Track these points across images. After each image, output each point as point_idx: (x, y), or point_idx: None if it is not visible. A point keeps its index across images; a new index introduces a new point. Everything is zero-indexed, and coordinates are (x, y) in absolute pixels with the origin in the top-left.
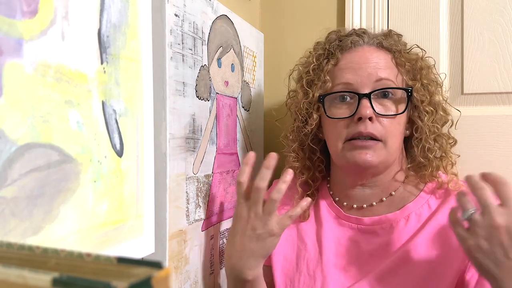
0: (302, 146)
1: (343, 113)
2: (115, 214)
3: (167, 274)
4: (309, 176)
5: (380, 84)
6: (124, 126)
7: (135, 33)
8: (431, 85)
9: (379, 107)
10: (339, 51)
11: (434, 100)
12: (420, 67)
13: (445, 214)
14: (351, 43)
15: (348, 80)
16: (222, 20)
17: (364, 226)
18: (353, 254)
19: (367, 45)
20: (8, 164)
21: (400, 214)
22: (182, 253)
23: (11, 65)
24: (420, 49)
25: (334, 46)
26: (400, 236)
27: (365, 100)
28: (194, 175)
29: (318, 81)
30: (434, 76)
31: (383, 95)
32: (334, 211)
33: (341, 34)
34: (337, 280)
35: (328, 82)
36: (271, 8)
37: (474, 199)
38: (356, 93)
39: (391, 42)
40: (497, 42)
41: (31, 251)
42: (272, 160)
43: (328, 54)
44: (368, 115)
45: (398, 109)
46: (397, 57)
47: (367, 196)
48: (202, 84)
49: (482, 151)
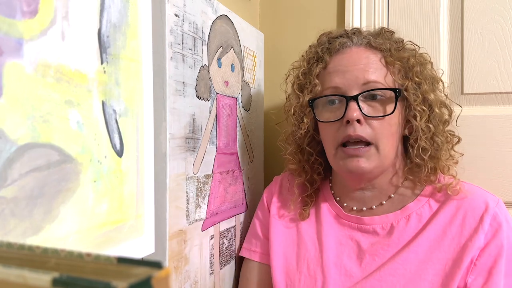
0: (299, 149)
1: (332, 116)
2: (115, 214)
3: (167, 274)
4: (306, 179)
5: (368, 87)
6: (124, 126)
7: (135, 33)
8: (425, 83)
9: (367, 109)
10: (327, 54)
11: (428, 98)
12: (413, 64)
13: (447, 214)
14: (339, 45)
15: (336, 84)
16: (222, 20)
17: (364, 226)
18: (354, 254)
19: (356, 46)
20: (8, 164)
21: (401, 214)
22: (182, 253)
23: (11, 65)
24: (414, 45)
25: (323, 49)
26: (401, 236)
27: (352, 102)
28: (194, 175)
29: (309, 85)
30: (430, 72)
31: (372, 97)
32: (334, 211)
33: (331, 36)
34: (338, 280)
35: (317, 86)
36: (271, 8)
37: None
38: (344, 96)
39: (380, 41)
40: (497, 42)
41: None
42: None
43: (318, 57)
44: (355, 118)
45: (387, 110)
46: (387, 56)
47: (367, 198)
48: (202, 84)
49: (482, 151)
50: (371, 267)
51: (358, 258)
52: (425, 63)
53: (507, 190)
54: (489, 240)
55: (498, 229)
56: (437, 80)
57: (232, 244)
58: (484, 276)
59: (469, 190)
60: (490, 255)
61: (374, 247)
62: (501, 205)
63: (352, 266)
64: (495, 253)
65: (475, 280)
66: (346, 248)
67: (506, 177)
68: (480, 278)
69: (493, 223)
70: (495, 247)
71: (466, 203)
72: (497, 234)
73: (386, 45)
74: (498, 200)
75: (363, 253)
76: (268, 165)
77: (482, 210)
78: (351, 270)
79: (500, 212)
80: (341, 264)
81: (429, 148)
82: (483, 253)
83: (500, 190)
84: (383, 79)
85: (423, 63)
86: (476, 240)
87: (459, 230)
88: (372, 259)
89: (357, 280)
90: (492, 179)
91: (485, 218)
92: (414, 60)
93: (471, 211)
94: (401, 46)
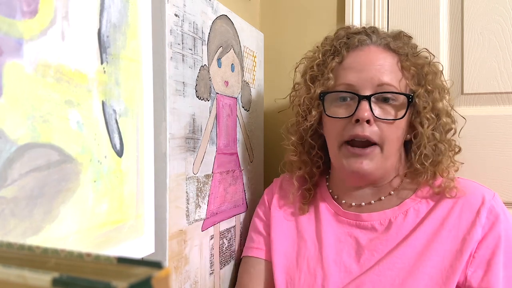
0: (301, 141)
1: (342, 112)
2: (115, 214)
3: (167, 274)
4: (306, 171)
5: (382, 88)
6: (124, 126)
7: (135, 33)
8: (436, 91)
9: (378, 111)
10: (345, 49)
11: (437, 107)
12: (426, 72)
13: (444, 209)
14: (358, 42)
15: (350, 81)
16: (222, 20)
17: (362, 222)
18: (353, 250)
19: (374, 45)
20: (8, 164)
21: (399, 210)
22: (182, 253)
23: (11, 65)
24: (429, 53)
25: (341, 43)
26: (399, 231)
27: (364, 102)
28: (194, 175)
29: (321, 78)
30: (440, 82)
31: (384, 99)
32: (333, 208)
33: (350, 31)
34: (337, 276)
35: (331, 80)
36: (271, 8)
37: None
38: (357, 95)
39: (399, 45)
40: (497, 42)
41: (31, 251)
42: None
43: (335, 51)
44: (366, 118)
45: (398, 114)
46: (403, 60)
47: (366, 195)
48: (202, 84)
49: (482, 151)
50: (370, 263)
51: (357, 254)
52: (437, 72)
53: (507, 190)
54: (487, 233)
55: (495, 221)
56: (446, 90)
57: (232, 244)
58: (483, 268)
59: (465, 185)
60: (488, 247)
61: (372, 243)
62: (497, 198)
63: (351, 263)
64: (493, 245)
65: (475, 272)
66: (345, 245)
67: (507, 177)
68: (480, 270)
69: (489, 216)
70: (492, 239)
71: (462, 198)
72: (494, 226)
73: (404, 49)
74: (494, 193)
75: (362, 249)
76: (268, 165)
77: (478, 204)
78: (351, 267)
79: (496, 204)
80: (340, 261)
81: (430, 155)
82: (481, 245)
83: (500, 190)
84: (397, 82)
85: (436, 72)
86: (474, 233)
87: (457, 222)
88: (371, 254)
89: (356, 276)
90: (493, 179)
91: (482, 211)
92: (428, 68)
93: (468, 205)
94: (417, 52)
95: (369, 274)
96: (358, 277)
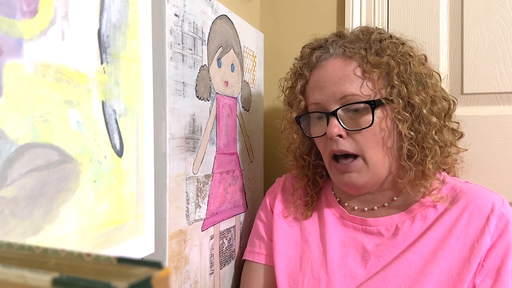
0: (298, 160)
1: (318, 131)
2: (115, 214)
3: (167, 274)
4: (308, 183)
5: (345, 100)
6: (124, 126)
7: (135, 33)
8: (410, 84)
9: (348, 122)
10: (306, 69)
11: (413, 101)
12: (393, 67)
13: (453, 215)
14: (316, 60)
15: (317, 100)
16: (222, 20)
17: (369, 227)
18: (358, 255)
19: (332, 58)
20: (8, 164)
21: (406, 215)
22: (182, 253)
23: (11, 65)
24: (399, 40)
25: (303, 64)
26: (406, 236)
27: (332, 118)
28: (194, 175)
29: (295, 101)
30: (418, 69)
31: (354, 109)
32: (338, 212)
33: (313, 47)
34: (342, 281)
35: (302, 102)
36: (271, 8)
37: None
38: (324, 112)
39: (355, 49)
40: (497, 42)
41: (31, 251)
42: None
43: (300, 73)
44: (335, 133)
45: (366, 122)
46: (362, 64)
47: (369, 200)
48: (202, 84)
49: (482, 151)
50: (376, 268)
51: (363, 259)
52: (410, 61)
53: (507, 190)
54: (496, 241)
55: (504, 229)
56: (429, 75)
57: (232, 244)
58: (492, 277)
59: (474, 191)
60: (497, 256)
61: (379, 248)
62: (506, 204)
63: (357, 268)
64: (502, 253)
65: (484, 281)
66: (351, 250)
67: (507, 177)
68: (489, 279)
69: (499, 223)
70: (501, 248)
71: (471, 204)
72: (503, 235)
73: (361, 52)
74: (504, 199)
75: (368, 254)
76: (268, 165)
77: (488, 211)
78: (356, 272)
79: (506, 211)
80: (345, 266)
81: (415, 153)
82: (490, 253)
83: (500, 190)
84: (358, 90)
85: (407, 62)
86: (483, 242)
87: (465, 229)
88: (377, 260)
89: (361, 281)
90: (493, 179)
91: (491, 219)
92: (394, 63)
93: (477, 212)
94: (380, 47)
95: (374, 280)
96: (364, 282)
